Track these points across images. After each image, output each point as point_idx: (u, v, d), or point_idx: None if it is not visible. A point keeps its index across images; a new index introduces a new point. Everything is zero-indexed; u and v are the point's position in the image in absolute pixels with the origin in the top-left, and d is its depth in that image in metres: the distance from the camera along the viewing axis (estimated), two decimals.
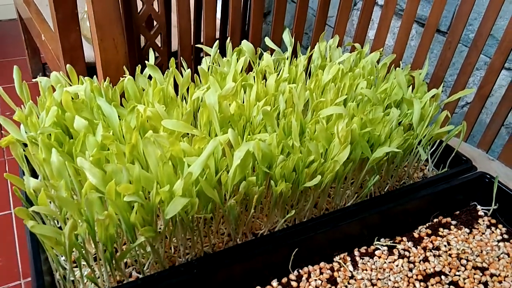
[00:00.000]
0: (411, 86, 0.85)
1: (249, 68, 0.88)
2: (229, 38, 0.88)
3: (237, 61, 0.85)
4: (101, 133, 0.59)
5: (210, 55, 0.87)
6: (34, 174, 0.64)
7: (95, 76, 0.74)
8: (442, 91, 0.85)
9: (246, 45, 0.88)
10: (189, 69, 0.74)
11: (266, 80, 0.84)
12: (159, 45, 0.91)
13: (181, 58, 0.87)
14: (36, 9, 1.43)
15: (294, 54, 0.97)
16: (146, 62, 0.73)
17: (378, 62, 0.98)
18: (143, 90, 0.76)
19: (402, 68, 0.92)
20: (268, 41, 0.94)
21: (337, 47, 1.03)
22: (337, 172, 0.64)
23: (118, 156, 0.56)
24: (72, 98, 0.63)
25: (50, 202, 0.61)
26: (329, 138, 0.66)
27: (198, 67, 0.78)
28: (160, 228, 0.61)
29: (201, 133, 0.60)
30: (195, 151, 0.58)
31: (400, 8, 1.31)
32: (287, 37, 1.00)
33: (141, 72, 0.79)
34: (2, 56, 1.93)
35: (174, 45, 0.99)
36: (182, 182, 0.51)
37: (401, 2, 1.30)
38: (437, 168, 0.89)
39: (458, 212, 0.80)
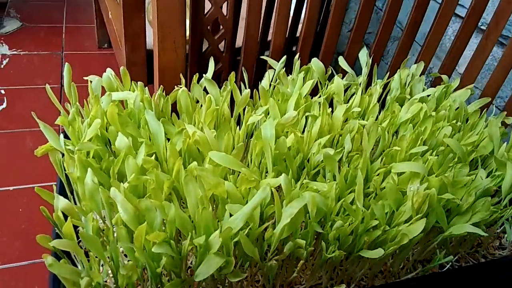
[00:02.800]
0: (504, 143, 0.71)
1: (315, 89, 0.79)
2: (297, 55, 0.79)
3: (303, 82, 0.76)
4: (143, 156, 0.53)
5: (274, 69, 0.78)
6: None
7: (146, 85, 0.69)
8: None
9: (316, 64, 0.78)
10: (248, 90, 0.66)
11: (332, 110, 0.74)
12: (222, 51, 0.84)
13: (243, 67, 0.79)
14: None
15: (369, 77, 0.86)
16: (204, 75, 0.66)
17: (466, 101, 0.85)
18: (197, 102, 0.70)
19: (494, 115, 0.78)
20: (342, 62, 0.84)
21: (420, 75, 0.90)
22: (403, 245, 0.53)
23: (156, 188, 0.49)
24: (122, 106, 0.58)
25: None
26: (399, 199, 0.56)
27: (259, 85, 0.70)
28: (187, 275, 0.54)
29: (250, 173, 0.52)
30: (240, 194, 0.51)
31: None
32: (364, 56, 0.89)
33: (199, 80, 0.72)
34: (73, 21, 1.94)
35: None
36: (220, 239, 0.43)
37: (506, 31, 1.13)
38: None
39: None
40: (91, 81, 0.63)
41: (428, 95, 0.81)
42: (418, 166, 0.57)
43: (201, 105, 0.68)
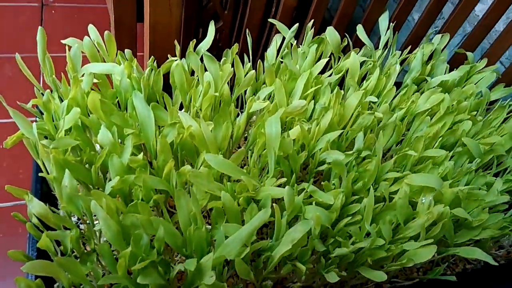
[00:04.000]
0: None
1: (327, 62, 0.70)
2: (311, 22, 0.68)
3: (316, 56, 0.67)
4: (129, 154, 0.46)
5: (281, 35, 0.68)
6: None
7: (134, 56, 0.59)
8: None
9: (331, 35, 0.69)
10: (253, 72, 0.58)
11: (343, 87, 0.67)
12: (224, 7, 0.72)
13: (247, 29, 0.69)
14: None
15: (386, 48, 0.76)
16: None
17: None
18: (193, 73, 0.61)
19: None
20: (360, 31, 0.74)
21: (442, 49, 0.81)
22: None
23: (143, 203, 0.44)
24: (107, 79, 0.50)
25: None
26: (409, 213, 0.52)
27: (265, 57, 0.61)
28: None
29: (249, 180, 0.47)
30: (237, 207, 0.46)
31: None
32: (384, 23, 0.78)
33: (194, 48, 0.63)
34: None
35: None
36: (211, 264, 0.39)
37: None
38: None
39: None
40: (69, 49, 0.54)
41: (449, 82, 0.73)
42: (434, 180, 0.52)
43: (197, 79, 0.60)
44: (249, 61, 0.65)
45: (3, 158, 0.90)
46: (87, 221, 0.46)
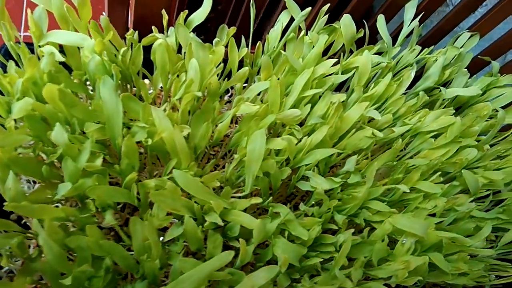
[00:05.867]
0: None
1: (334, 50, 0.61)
2: (326, 4, 0.59)
3: (323, 48, 0.58)
4: (86, 158, 0.41)
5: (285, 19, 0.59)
6: None
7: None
8: None
9: (346, 25, 0.59)
10: (246, 69, 0.50)
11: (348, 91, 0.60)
12: None
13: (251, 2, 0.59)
14: None
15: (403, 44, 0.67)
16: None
17: None
18: (180, 49, 0.53)
19: None
20: (381, 24, 0.64)
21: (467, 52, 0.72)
22: None
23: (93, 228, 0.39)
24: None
25: None
26: (385, 253, 0.48)
27: (263, 58, 0.53)
28: None
29: (219, 205, 0.42)
30: (200, 236, 0.42)
31: None
32: (411, 11, 0.68)
33: (185, 20, 0.54)
34: None
35: None
36: None
37: None
38: None
39: None
40: (33, 11, 0.45)
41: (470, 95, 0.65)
42: (418, 226, 0.47)
43: (183, 62, 0.52)
44: (247, 44, 0.57)
45: None
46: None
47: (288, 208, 0.47)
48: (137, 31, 0.52)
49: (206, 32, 0.74)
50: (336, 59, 0.55)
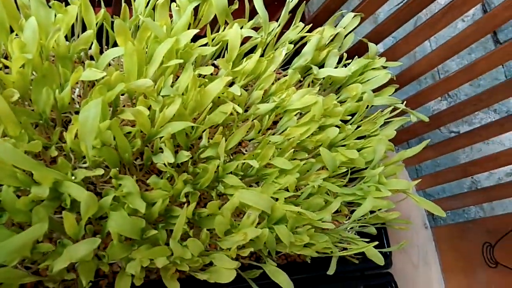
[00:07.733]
0: None
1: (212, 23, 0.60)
2: None
3: (192, 19, 0.56)
4: None
5: None
6: None
7: None
8: None
9: None
10: (90, 31, 0.47)
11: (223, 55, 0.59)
12: None
13: None
14: None
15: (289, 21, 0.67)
16: None
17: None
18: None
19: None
20: None
21: (347, 34, 0.74)
22: None
23: None
24: None
25: None
26: (229, 226, 0.50)
27: (116, 21, 0.50)
28: None
29: (44, 177, 0.40)
30: (19, 207, 0.40)
31: None
32: None
33: None
34: None
35: None
36: None
37: None
38: None
39: None
40: None
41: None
42: (263, 202, 0.49)
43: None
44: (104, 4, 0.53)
45: None
46: None
47: (134, 181, 0.47)
48: None
49: None
50: (197, 30, 0.53)
